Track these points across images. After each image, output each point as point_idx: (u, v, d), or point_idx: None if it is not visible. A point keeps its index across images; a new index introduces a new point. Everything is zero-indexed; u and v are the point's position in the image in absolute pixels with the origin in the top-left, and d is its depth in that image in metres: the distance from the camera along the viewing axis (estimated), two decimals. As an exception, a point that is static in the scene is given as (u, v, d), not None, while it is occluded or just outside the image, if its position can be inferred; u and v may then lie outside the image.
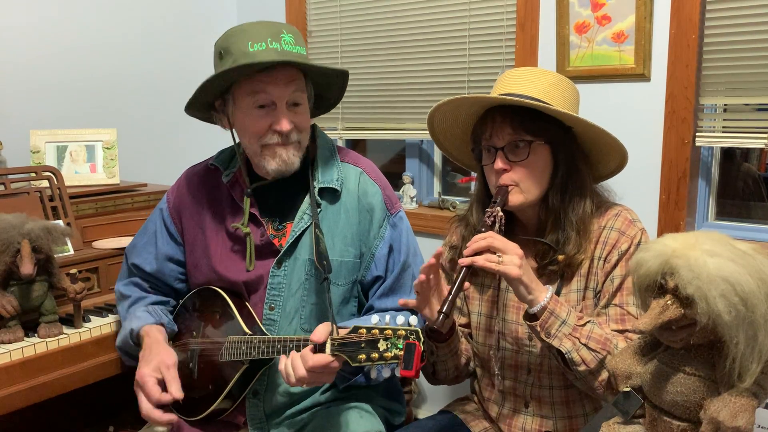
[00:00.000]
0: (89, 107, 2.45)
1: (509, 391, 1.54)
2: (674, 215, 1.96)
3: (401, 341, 1.17)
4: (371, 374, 1.20)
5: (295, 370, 1.26)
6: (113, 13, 2.51)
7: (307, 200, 1.52)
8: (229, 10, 2.96)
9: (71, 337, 1.63)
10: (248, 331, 1.46)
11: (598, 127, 1.39)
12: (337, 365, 1.24)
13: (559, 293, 1.45)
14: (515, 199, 1.42)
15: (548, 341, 1.31)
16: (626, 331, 1.37)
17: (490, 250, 1.29)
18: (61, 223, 1.83)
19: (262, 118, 1.44)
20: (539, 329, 1.31)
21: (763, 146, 1.86)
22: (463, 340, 1.58)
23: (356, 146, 3.04)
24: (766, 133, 1.84)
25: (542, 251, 1.46)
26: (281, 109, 1.43)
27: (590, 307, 1.44)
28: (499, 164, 1.41)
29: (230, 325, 1.50)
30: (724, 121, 1.93)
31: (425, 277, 1.31)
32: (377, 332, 1.19)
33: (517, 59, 2.20)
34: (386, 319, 1.21)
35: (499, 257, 1.28)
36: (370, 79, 2.62)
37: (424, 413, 2.50)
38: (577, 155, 1.45)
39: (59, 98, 2.37)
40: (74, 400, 1.81)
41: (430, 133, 1.60)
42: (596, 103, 1.98)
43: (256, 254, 1.52)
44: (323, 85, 1.56)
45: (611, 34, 1.99)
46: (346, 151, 1.64)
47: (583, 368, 1.31)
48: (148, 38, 2.63)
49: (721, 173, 2.08)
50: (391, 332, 1.18)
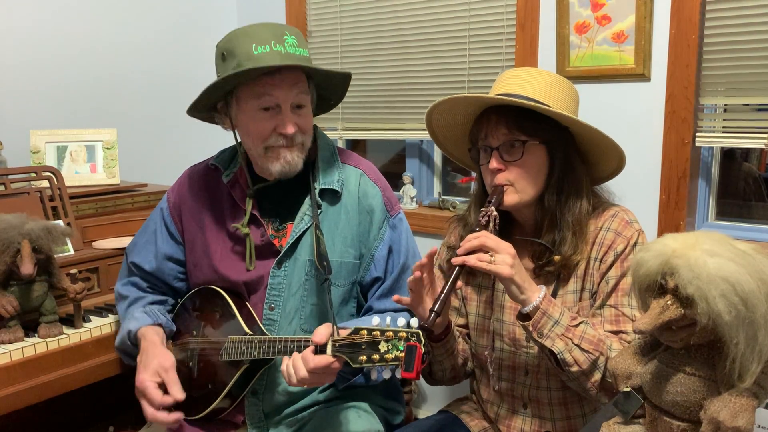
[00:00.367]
0: (89, 107, 2.45)
1: (507, 392, 1.54)
2: (674, 215, 1.96)
3: (402, 343, 1.17)
4: (371, 375, 1.21)
5: (296, 371, 1.26)
6: (113, 13, 2.51)
7: (307, 201, 1.52)
8: (229, 10, 2.96)
9: (71, 337, 1.63)
10: (249, 331, 1.46)
11: (592, 127, 1.39)
12: (338, 366, 1.25)
13: (555, 295, 1.44)
14: (510, 199, 1.42)
15: (540, 341, 1.30)
16: (620, 332, 1.37)
17: (482, 249, 1.29)
18: (61, 223, 1.83)
19: (266, 120, 1.44)
20: (532, 329, 1.30)
21: (763, 146, 1.86)
22: (460, 340, 1.57)
23: (356, 146, 3.04)
24: (766, 133, 1.84)
25: (539, 252, 1.46)
26: (286, 111, 1.43)
27: (587, 308, 1.44)
28: (493, 164, 1.41)
29: (231, 324, 1.50)
30: (724, 121, 1.93)
31: (419, 274, 1.31)
32: (378, 334, 1.19)
33: (517, 59, 2.20)
34: (387, 320, 1.21)
35: (491, 257, 1.28)
36: (370, 79, 2.62)
37: (423, 413, 2.50)
38: (573, 156, 1.45)
39: (59, 98, 2.37)
40: (74, 400, 1.81)
41: (429, 133, 1.60)
42: (596, 103, 1.98)
43: (256, 254, 1.52)
44: (325, 86, 1.56)
45: (611, 34, 1.99)
46: (346, 152, 1.64)
47: (575, 369, 1.30)
48: (148, 38, 2.63)
49: (721, 173, 2.08)
50: (392, 334, 1.18)
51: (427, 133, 1.61)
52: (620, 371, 1.11)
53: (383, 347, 1.18)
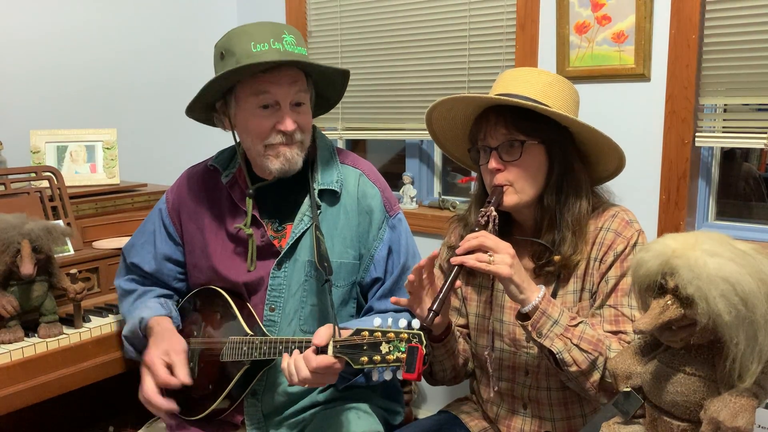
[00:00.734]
0: (89, 107, 2.45)
1: (507, 392, 1.54)
2: (674, 215, 1.96)
3: (404, 344, 1.17)
4: (372, 376, 1.20)
5: (298, 371, 1.26)
6: (113, 13, 2.51)
7: (306, 202, 1.52)
8: (229, 10, 2.96)
9: (71, 337, 1.63)
10: (249, 331, 1.46)
11: (592, 127, 1.39)
12: (339, 367, 1.25)
13: (555, 295, 1.44)
14: (510, 199, 1.42)
15: (539, 341, 1.30)
16: (620, 332, 1.37)
17: (481, 249, 1.29)
18: (61, 223, 1.83)
19: (266, 118, 1.44)
20: (531, 329, 1.30)
21: (763, 146, 1.86)
22: (461, 340, 1.57)
23: (356, 146, 3.04)
24: (766, 133, 1.84)
25: (538, 252, 1.46)
26: (285, 109, 1.43)
27: (586, 308, 1.44)
28: (492, 164, 1.41)
29: (232, 325, 1.50)
30: (724, 121, 1.93)
31: (414, 277, 1.31)
32: (380, 335, 1.19)
33: (517, 59, 2.20)
34: (389, 321, 1.21)
35: (490, 257, 1.28)
36: (370, 79, 2.62)
37: (424, 413, 2.50)
38: (572, 155, 1.45)
39: (59, 98, 2.37)
40: (74, 400, 1.81)
41: (429, 133, 1.60)
42: (596, 103, 1.98)
43: (256, 255, 1.52)
44: (324, 85, 1.56)
45: (611, 34, 1.99)
46: (345, 152, 1.64)
47: (574, 369, 1.30)
48: (148, 38, 2.63)
49: (721, 173, 2.08)
50: (393, 335, 1.18)
51: (427, 133, 1.61)
52: (620, 371, 1.11)
53: (385, 348, 1.18)
